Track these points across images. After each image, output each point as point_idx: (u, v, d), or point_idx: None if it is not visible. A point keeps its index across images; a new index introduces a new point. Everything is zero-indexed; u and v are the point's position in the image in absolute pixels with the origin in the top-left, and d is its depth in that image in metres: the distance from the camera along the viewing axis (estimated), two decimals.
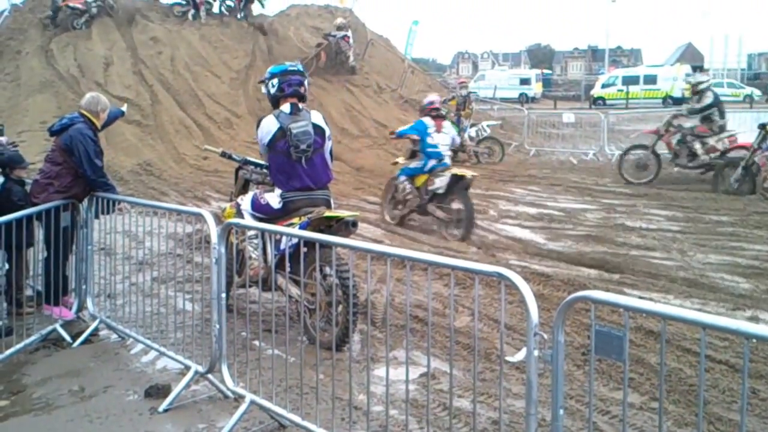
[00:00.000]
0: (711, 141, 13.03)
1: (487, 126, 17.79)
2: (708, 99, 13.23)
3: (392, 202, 10.31)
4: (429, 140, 9.66)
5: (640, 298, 6.24)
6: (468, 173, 9.64)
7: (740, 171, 12.40)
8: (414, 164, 9.86)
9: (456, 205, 9.51)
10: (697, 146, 13.09)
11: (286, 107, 5.76)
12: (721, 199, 11.85)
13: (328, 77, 21.21)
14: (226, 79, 20.74)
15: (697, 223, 10.17)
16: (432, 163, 9.64)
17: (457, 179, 9.49)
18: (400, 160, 10.46)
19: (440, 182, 9.49)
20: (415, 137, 9.76)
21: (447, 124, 10.18)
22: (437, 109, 10.01)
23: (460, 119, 17.22)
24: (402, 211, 10.10)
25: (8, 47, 20.63)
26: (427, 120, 9.76)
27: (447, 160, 9.78)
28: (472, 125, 17.46)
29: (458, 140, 10.95)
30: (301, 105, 5.83)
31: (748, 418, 4.16)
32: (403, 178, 9.95)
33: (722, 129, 13.21)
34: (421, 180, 9.78)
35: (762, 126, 12.36)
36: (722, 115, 13.26)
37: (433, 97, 10.53)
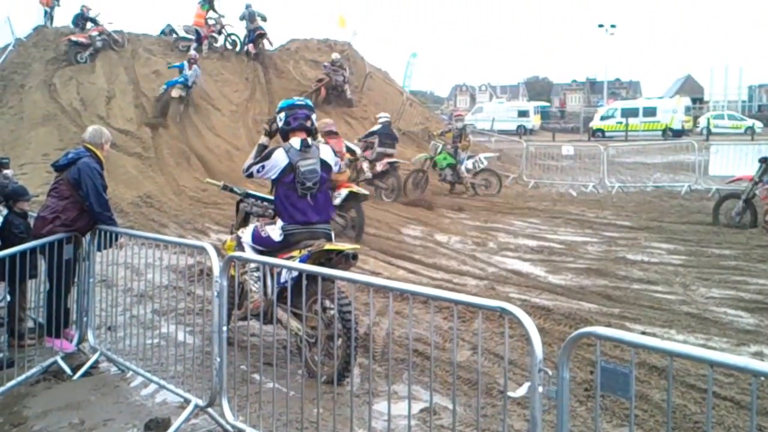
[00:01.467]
0: (377, 164, 15.75)
1: (485, 158, 17.87)
2: (373, 128, 16.39)
3: None
4: None
5: (643, 333, 6.22)
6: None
7: (741, 204, 12.49)
8: None
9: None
10: (365, 165, 15.67)
11: (296, 142, 5.82)
12: (723, 233, 11.86)
13: (327, 109, 21.38)
14: (227, 112, 20.89)
15: (700, 256, 10.16)
16: None
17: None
18: None
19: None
20: None
21: None
22: None
23: (457, 151, 17.37)
24: None
25: (12, 81, 20.76)
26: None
27: None
28: (469, 157, 17.55)
29: None
30: (310, 140, 5.90)
31: None
32: None
33: (379, 155, 15.76)
34: None
35: (763, 159, 12.44)
36: (383, 144, 15.82)
37: None
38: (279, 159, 5.77)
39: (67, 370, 5.82)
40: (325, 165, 5.88)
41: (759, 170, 12.31)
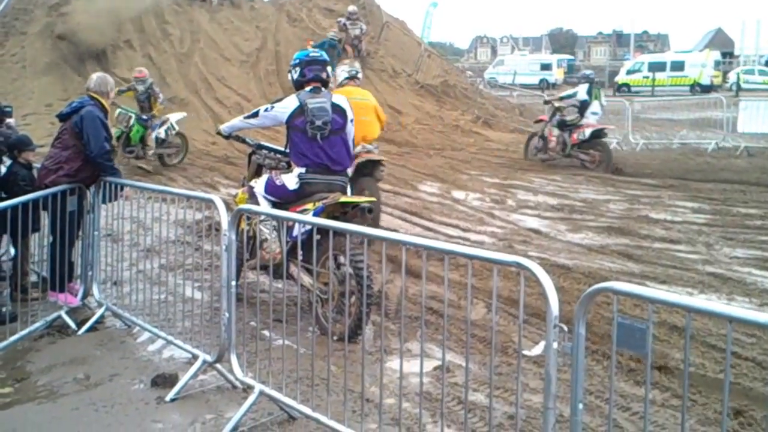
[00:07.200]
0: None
1: (176, 122, 14.11)
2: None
3: None
4: None
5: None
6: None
7: (539, 140, 14.84)
8: None
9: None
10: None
11: (308, 88, 5.80)
12: (750, 191, 11.62)
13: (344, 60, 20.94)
14: (237, 62, 20.43)
15: (725, 215, 9.94)
16: None
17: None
18: None
19: None
20: None
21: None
22: None
23: (145, 119, 13.50)
24: None
25: (14, 27, 20.21)
26: None
27: None
28: (161, 124, 13.73)
29: None
30: (323, 89, 5.87)
31: None
32: None
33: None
34: None
35: (547, 101, 14.99)
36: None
37: None
38: (290, 102, 5.75)
39: (72, 325, 5.77)
40: (338, 109, 5.77)
41: (550, 111, 15.08)
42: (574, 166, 14.42)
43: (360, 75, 8.80)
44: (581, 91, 14.88)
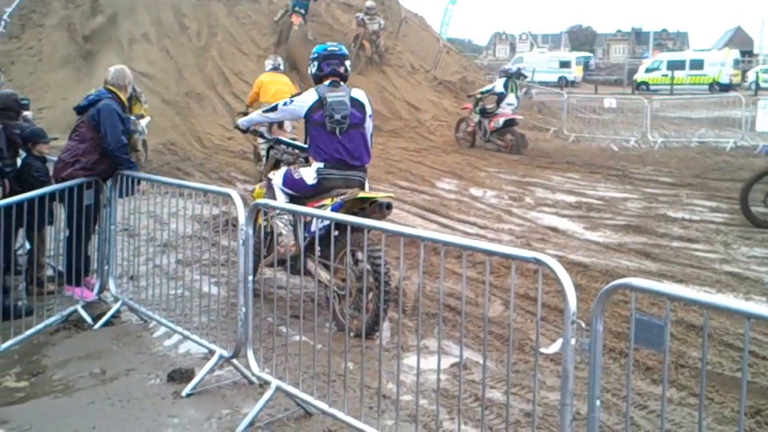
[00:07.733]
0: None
1: (145, 126, 12.64)
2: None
3: None
4: None
5: None
6: None
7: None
8: None
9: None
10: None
11: (326, 82, 5.79)
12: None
13: (361, 56, 20.79)
14: (254, 57, 20.16)
15: (743, 215, 9.75)
16: None
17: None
18: None
19: None
20: None
21: None
22: None
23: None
24: None
25: (30, 20, 19.88)
26: None
27: None
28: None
29: None
30: (342, 83, 5.84)
31: None
32: None
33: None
34: None
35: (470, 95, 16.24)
36: None
37: None
38: (308, 95, 5.74)
39: (88, 319, 5.75)
40: (357, 103, 5.74)
41: (473, 102, 16.83)
42: (491, 150, 16.39)
43: (281, 66, 11.96)
44: (498, 85, 16.74)
